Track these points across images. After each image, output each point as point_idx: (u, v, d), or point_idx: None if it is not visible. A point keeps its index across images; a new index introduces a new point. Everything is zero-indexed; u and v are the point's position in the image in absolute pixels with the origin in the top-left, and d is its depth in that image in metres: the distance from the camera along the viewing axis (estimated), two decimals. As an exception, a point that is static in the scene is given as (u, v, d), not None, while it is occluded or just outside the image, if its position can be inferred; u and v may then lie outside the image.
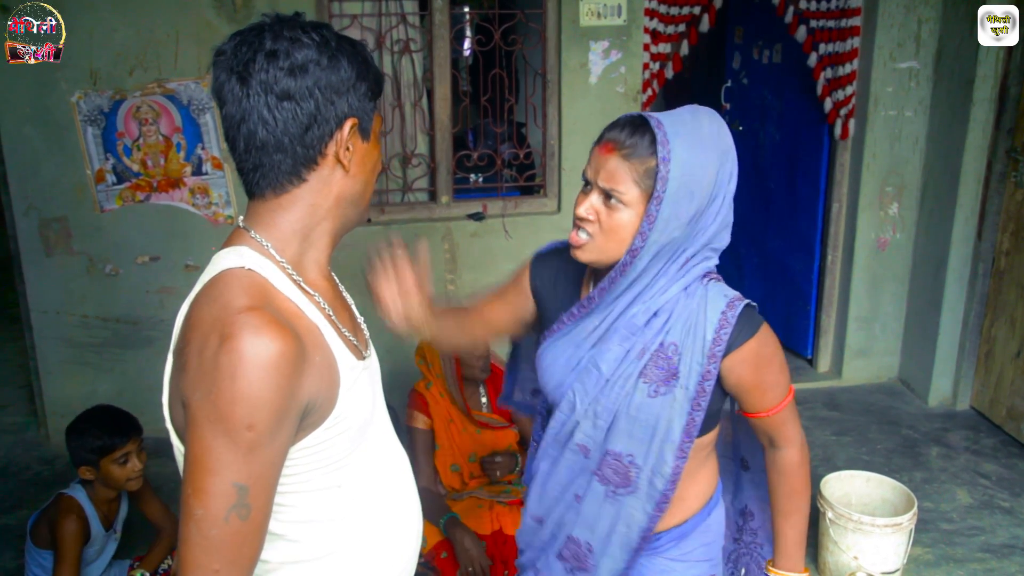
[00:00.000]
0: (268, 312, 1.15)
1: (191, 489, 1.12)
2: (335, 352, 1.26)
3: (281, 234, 1.28)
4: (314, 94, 1.22)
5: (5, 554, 3.30)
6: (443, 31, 4.05)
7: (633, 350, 1.64)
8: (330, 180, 1.28)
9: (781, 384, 1.74)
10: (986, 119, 4.13)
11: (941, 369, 4.46)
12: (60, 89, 3.74)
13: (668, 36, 4.20)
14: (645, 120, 1.56)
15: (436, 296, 1.83)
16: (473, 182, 4.33)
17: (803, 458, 1.83)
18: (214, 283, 1.21)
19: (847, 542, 3.04)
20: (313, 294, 1.29)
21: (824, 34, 4.28)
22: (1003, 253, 4.18)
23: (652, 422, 1.66)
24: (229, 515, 1.12)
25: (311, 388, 1.19)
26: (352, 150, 1.28)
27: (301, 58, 1.21)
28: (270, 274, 1.23)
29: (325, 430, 1.24)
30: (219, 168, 3.95)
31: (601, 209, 1.58)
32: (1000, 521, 3.53)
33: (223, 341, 1.11)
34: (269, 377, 1.11)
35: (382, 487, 1.41)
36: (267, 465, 1.15)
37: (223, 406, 1.10)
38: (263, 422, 1.12)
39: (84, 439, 2.73)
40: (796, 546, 1.85)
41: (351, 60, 1.25)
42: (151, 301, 4.02)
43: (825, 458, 4.01)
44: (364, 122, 1.29)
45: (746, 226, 5.29)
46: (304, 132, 1.23)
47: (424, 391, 3.12)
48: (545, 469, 1.83)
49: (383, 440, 1.44)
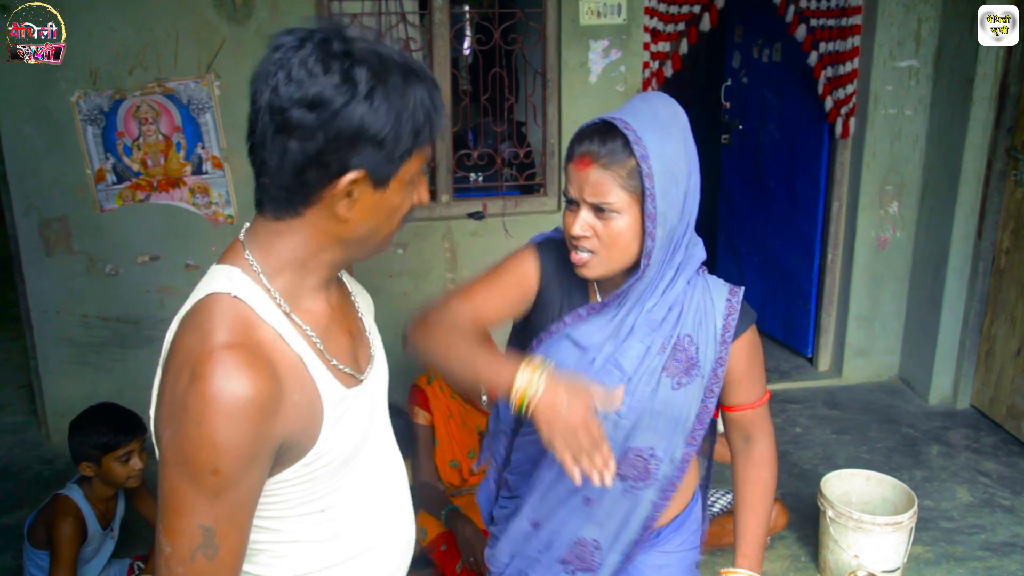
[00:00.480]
0: (244, 350, 1.11)
1: (162, 525, 1.11)
2: (320, 387, 1.21)
3: (275, 261, 1.21)
4: (316, 137, 1.11)
5: (6, 554, 3.30)
6: (443, 30, 4.05)
7: (654, 346, 1.65)
8: (328, 221, 1.18)
9: (763, 377, 1.79)
10: (986, 117, 4.13)
11: (941, 368, 4.46)
12: (60, 88, 3.73)
13: (668, 35, 4.20)
14: (609, 123, 1.55)
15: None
16: (473, 181, 4.33)
17: (775, 451, 1.85)
18: (199, 308, 1.17)
19: (847, 541, 3.04)
20: (302, 325, 1.21)
21: (824, 33, 4.28)
22: (1003, 251, 4.18)
23: (676, 414, 1.68)
24: (195, 555, 1.10)
25: (285, 429, 1.15)
26: (356, 198, 1.16)
27: (312, 95, 1.10)
28: (256, 303, 1.17)
29: (304, 466, 1.21)
30: (219, 167, 3.95)
31: (595, 223, 1.57)
32: (1000, 519, 3.53)
33: (192, 381, 1.08)
34: (236, 424, 1.07)
35: (373, 504, 1.38)
36: (235, 507, 1.12)
37: (188, 450, 1.08)
38: (228, 468, 1.08)
39: (88, 435, 2.74)
40: (759, 545, 1.83)
41: (380, 108, 1.12)
42: (151, 300, 4.02)
43: (825, 457, 4.01)
44: (380, 173, 1.16)
45: (746, 225, 5.29)
46: (298, 172, 1.14)
47: (425, 386, 3.13)
48: (551, 477, 1.77)
49: (377, 456, 1.40)
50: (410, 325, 1.62)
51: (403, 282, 4.20)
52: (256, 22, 3.77)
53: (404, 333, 1.63)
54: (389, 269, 4.15)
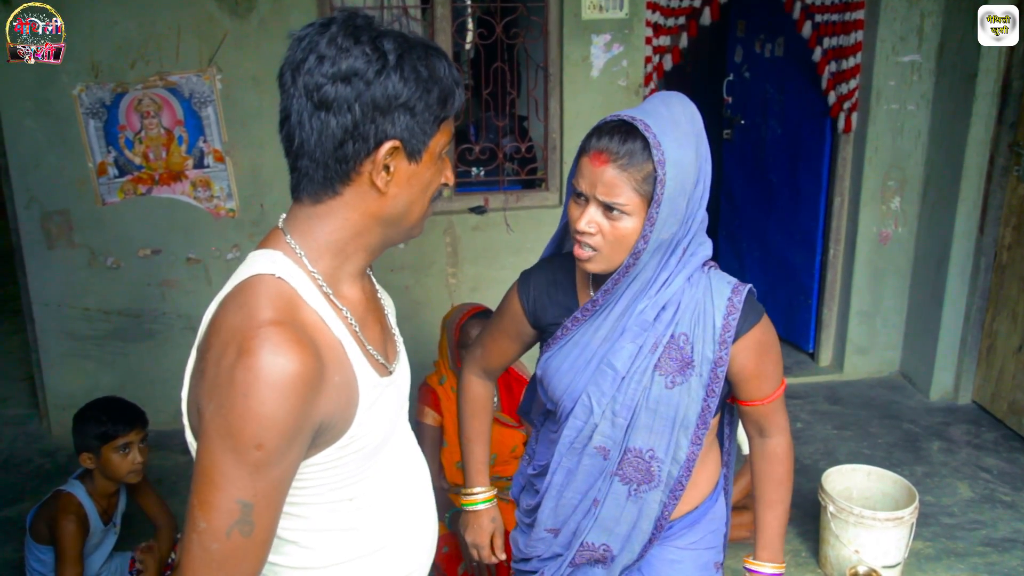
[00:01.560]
0: (290, 328, 1.12)
1: (196, 500, 1.11)
2: (357, 371, 1.23)
3: (316, 244, 1.23)
4: (353, 109, 1.14)
5: (7, 546, 3.31)
6: (445, 24, 4.04)
7: (646, 345, 1.65)
8: (366, 198, 1.21)
9: (778, 372, 1.77)
10: (988, 113, 4.12)
11: (943, 363, 4.46)
12: (62, 82, 3.73)
13: (669, 29, 4.19)
14: (628, 123, 1.54)
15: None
16: (475, 176, 4.33)
17: (791, 446, 1.85)
18: (243, 288, 1.18)
19: (848, 536, 3.04)
20: (342, 308, 1.24)
21: (829, 28, 4.27)
22: (1005, 247, 4.18)
23: (671, 413, 1.67)
24: (231, 531, 1.10)
25: (326, 409, 1.16)
26: (393, 172, 1.20)
27: (345, 68, 1.14)
28: (300, 284, 1.19)
29: (338, 448, 1.22)
30: (221, 161, 3.95)
31: (602, 221, 1.57)
32: (1001, 515, 3.53)
33: (240, 355, 1.09)
34: (283, 398, 1.09)
35: (398, 498, 1.39)
36: (274, 484, 1.13)
37: (234, 422, 1.08)
38: (272, 442, 1.09)
39: (88, 424, 2.76)
40: (778, 537, 1.85)
41: (409, 76, 1.17)
42: (153, 294, 4.02)
43: (826, 452, 4.01)
44: (414, 143, 1.20)
45: (748, 220, 5.29)
46: (338, 146, 1.17)
47: (437, 386, 3.12)
48: (560, 481, 1.80)
49: (403, 451, 1.42)
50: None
51: (404, 276, 4.21)
52: (258, 16, 3.77)
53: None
54: (391, 263, 4.15)
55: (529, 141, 4.31)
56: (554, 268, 1.80)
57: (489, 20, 4.10)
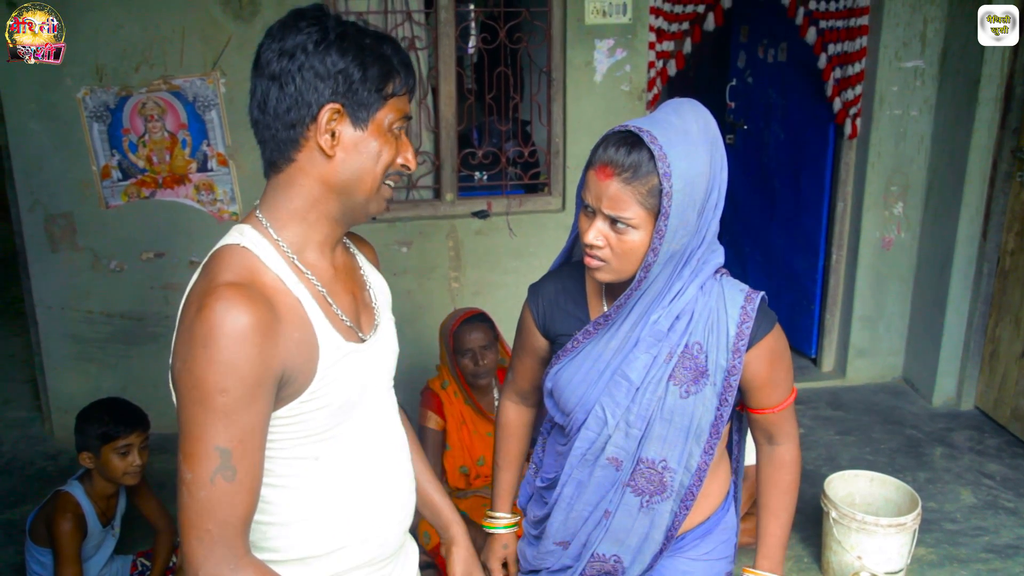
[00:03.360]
0: (244, 287, 1.22)
1: (181, 455, 1.20)
2: (318, 330, 1.31)
3: (280, 214, 1.34)
4: (295, 78, 1.27)
5: (9, 549, 3.31)
6: (448, 29, 4.05)
7: (660, 355, 1.64)
8: (316, 163, 1.31)
9: (789, 380, 1.75)
10: (991, 119, 4.12)
11: (945, 369, 4.46)
12: (66, 85, 3.74)
13: (672, 34, 4.19)
14: (635, 135, 1.51)
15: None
16: (478, 180, 4.33)
17: (799, 454, 1.83)
18: (211, 259, 1.30)
19: (851, 542, 3.04)
20: (306, 272, 1.33)
21: (833, 34, 4.26)
22: (1008, 253, 4.18)
23: (685, 423, 1.66)
24: (214, 477, 1.18)
25: (286, 359, 1.24)
26: (337, 137, 1.30)
27: (290, 43, 1.27)
28: (263, 252, 1.30)
29: (300, 403, 1.29)
30: (224, 165, 3.95)
31: (610, 234, 1.56)
32: (1004, 521, 3.53)
33: (199, 311, 1.19)
34: (238, 345, 1.18)
35: (367, 466, 1.43)
36: (247, 430, 1.21)
37: (197, 372, 1.18)
38: (235, 387, 1.18)
39: (90, 424, 2.77)
40: (780, 547, 1.83)
41: (348, 49, 1.28)
42: (156, 297, 4.02)
43: (829, 458, 4.01)
44: (355, 110, 1.30)
45: (751, 225, 5.29)
46: (286, 113, 1.28)
47: (439, 391, 3.12)
48: (571, 493, 1.78)
49: (376, 422, 1.46)
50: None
51: (407, 280, 4.21)
52: (262, 20, 3.77)
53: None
54: (393, 267, 4.15)
55: (532, 146, 4.32)
56: (563, 277, 1.79)
57: (492, 24, 4.10)
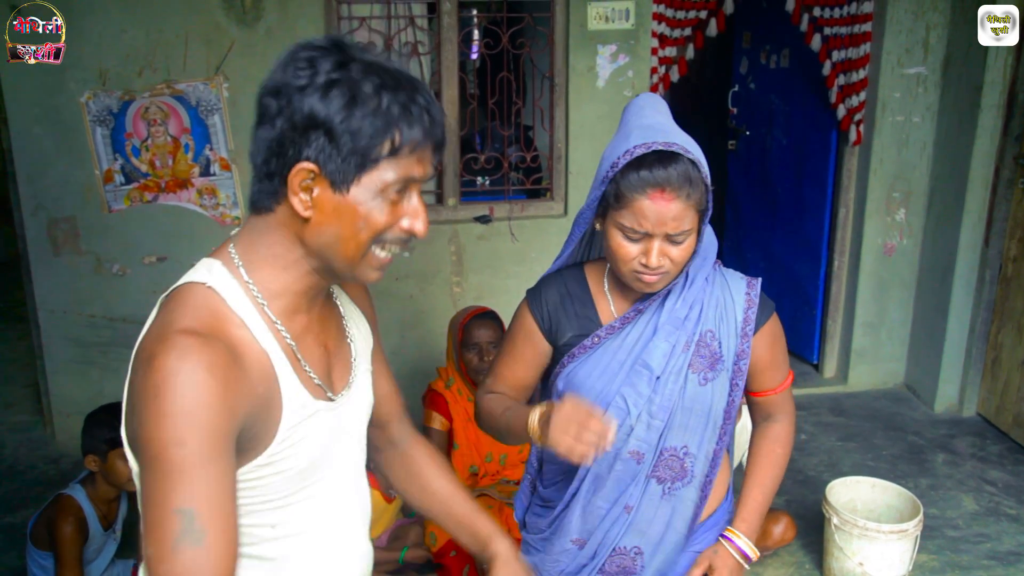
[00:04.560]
0: (202, 336, 1.08)
1: (142, 531, 1.06)
2: (283, 386, 1.18)
3: (255, 255, 1.19)
4: (276, 123, 1.11)
5: (10, 553, 3.31)
6: (451, 34, 4.05)
7: (678, 344, 1.68)
8: (294, 220, 1.16)
9: (787, 361, 1.83)
10: (994, 125, 4.12)
11: (947, 375, 4.45)
12: (69, 89, 3.75)
13: (675, 40, 4.20)
14: (668, 151, 1.52)
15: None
16: (480, 185, 4.33)
17: (793, 432, 1.89)
18: (172, 297, 1.17)
19: (852, 548, 3.03)
20: (276, 322, 1.19)
21: (837, 41, 4.26)
22: (1010, 259, 4.17)
23: (705, 410, 1.70)
24: (176, 545, 1.03)
25: (248, 412, 1.12)
26: (314, 198, 1.13)
27: (278, 80, 1.12)
28: (231, 296, 1.16)
29: (257, 467, 1.16)
30: (227, 169, 3.96)
31: (669, 249, 1.58)
32: (1006, 528, 3.52)
33: (149, 361, 1.07)
34: (194, 392, 1.04)
35: (326, 537, 1.30)
36: (213, 485, 1.06)
37: (150, 428, 1.04)
38: (193, 438, 1.04)
39: (98, 428, 2.76)
40: (759, 514, 1.84)
41: (333, 98, 1.09)
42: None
43: (830, 464, 4.00)
44: (333, 171, 1.11)
45: (752, 230, 5.29)
46: (265, 161, 1.14)
47: (444, 391, 3.13)
48: (588, 489, 1.77)
49: (341, 485, 1.33)
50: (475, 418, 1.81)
51: (409, 285, 4.21)
52: (265, 25, 3.79)
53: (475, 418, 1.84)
54: (395, 272, 4.16)
55: (534, 151, 4.32)
56: (563, 281, 1.78)
57: (495, 30, 4.11)
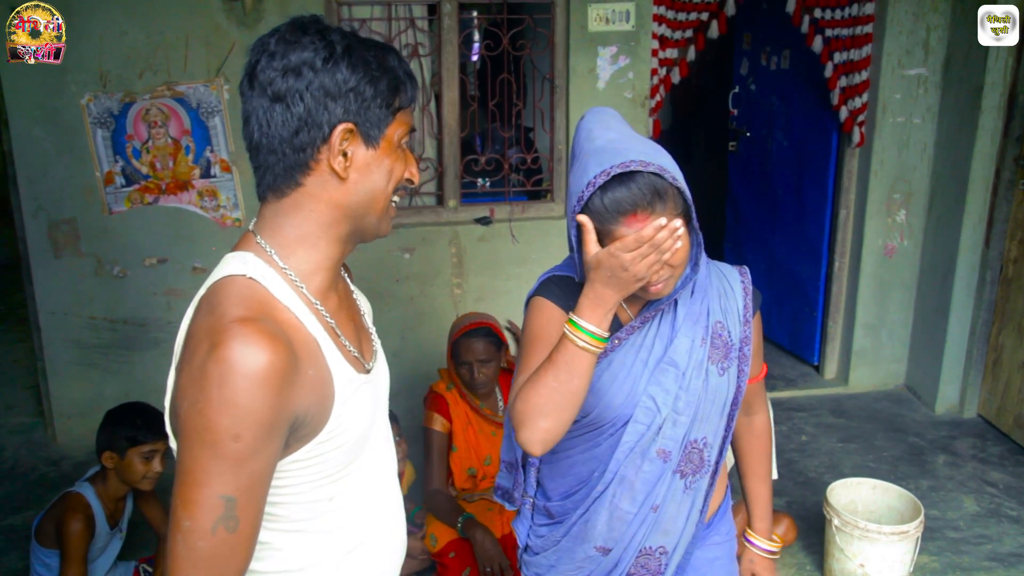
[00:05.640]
0: (261, 323, 1.13)
1: (179, 500, 1.11)
2: (332, 366, 1.24)
3: (285, 240, 1.25)
4: (304, 97, 1.18)
5: (11, 554, 3.31)
6: (452, 35, 4.06)
7: (696, 338, 1.69)
8: (327, 186, 1.23)
9: (762, 349, 1.89)
10: (994, 126, 4.12)
11: (948, 377, 4.45)
12: (70, 91, 3.75)
13: (676, 41, 4.20)
14: (629, 171, 1.49)
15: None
16: (480, 186, 4.33)
17: (771, 422, 1.98)
18: (214, 291, 1.20)
19: (853, 549, 3.03)
20: (316, 303, 1.25)
21: (839, 43, 4.26)
22: (1011, 261, 4.17)
23: (721, 399, 1.73)
24: (216, 527, 1.10)
25: (302, 402, 1.16)
26: (350, 158, 1.22)
27: (295, 60, 1.18)
28: (272, 283, 1.21)
29: (318, 444, 1.22)
30: (227, 171, 3.96)
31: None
32: (1007, 530, 3.52)
33: (212, 350, 1.10)
34: (256, 388, 1.09)
35: (374, 500, 1.39)
36: (255, 477, 1.13)
37: (210, 416, 1.09)
38: (249, 433, 1.10)
39: (121, 425, 2.79)
40: (770, 509, 1.97)
41: (357, 64, 1.20)
42: (158, 303, 4.03)
43: (831, 465, 4.00)
44: (368, 128, 1.22)
45: (753, 232, 5.29)
46: (294, 135, 1.20)
47: (444, 392, 3.13)
48: (613, 493, 1.72)
49: (379, 453, 1.41)
50: (516, 431, 1.55)
51: (410, 287, 4.21)
52: (266, 26, 3.78)
53: (512, 433, 1.63)
54: (396, 273, 4.16)
55: (535, 152, 4.32)
56: (570, 287, 1.69)
57: (496, 31, 4.11)
